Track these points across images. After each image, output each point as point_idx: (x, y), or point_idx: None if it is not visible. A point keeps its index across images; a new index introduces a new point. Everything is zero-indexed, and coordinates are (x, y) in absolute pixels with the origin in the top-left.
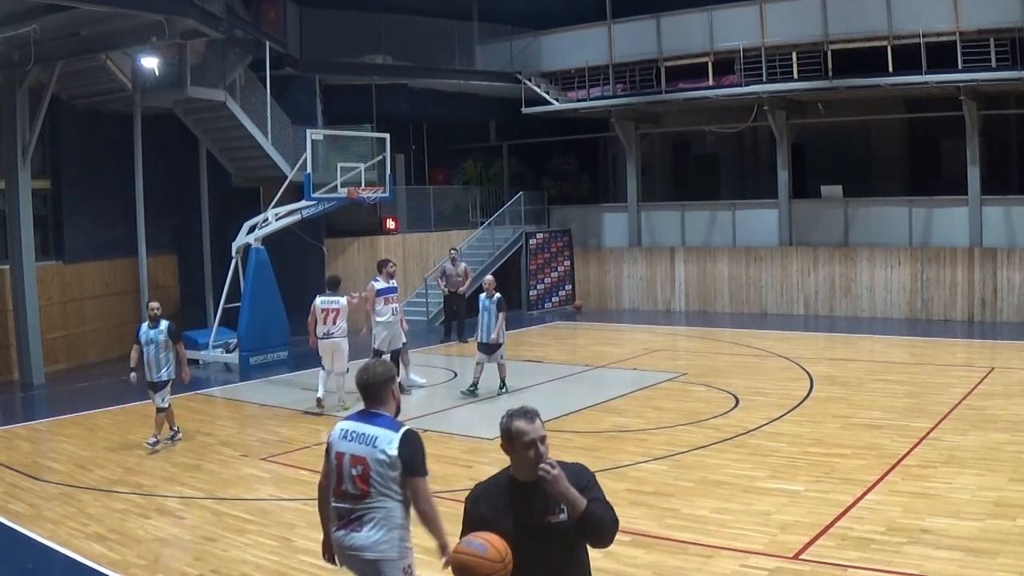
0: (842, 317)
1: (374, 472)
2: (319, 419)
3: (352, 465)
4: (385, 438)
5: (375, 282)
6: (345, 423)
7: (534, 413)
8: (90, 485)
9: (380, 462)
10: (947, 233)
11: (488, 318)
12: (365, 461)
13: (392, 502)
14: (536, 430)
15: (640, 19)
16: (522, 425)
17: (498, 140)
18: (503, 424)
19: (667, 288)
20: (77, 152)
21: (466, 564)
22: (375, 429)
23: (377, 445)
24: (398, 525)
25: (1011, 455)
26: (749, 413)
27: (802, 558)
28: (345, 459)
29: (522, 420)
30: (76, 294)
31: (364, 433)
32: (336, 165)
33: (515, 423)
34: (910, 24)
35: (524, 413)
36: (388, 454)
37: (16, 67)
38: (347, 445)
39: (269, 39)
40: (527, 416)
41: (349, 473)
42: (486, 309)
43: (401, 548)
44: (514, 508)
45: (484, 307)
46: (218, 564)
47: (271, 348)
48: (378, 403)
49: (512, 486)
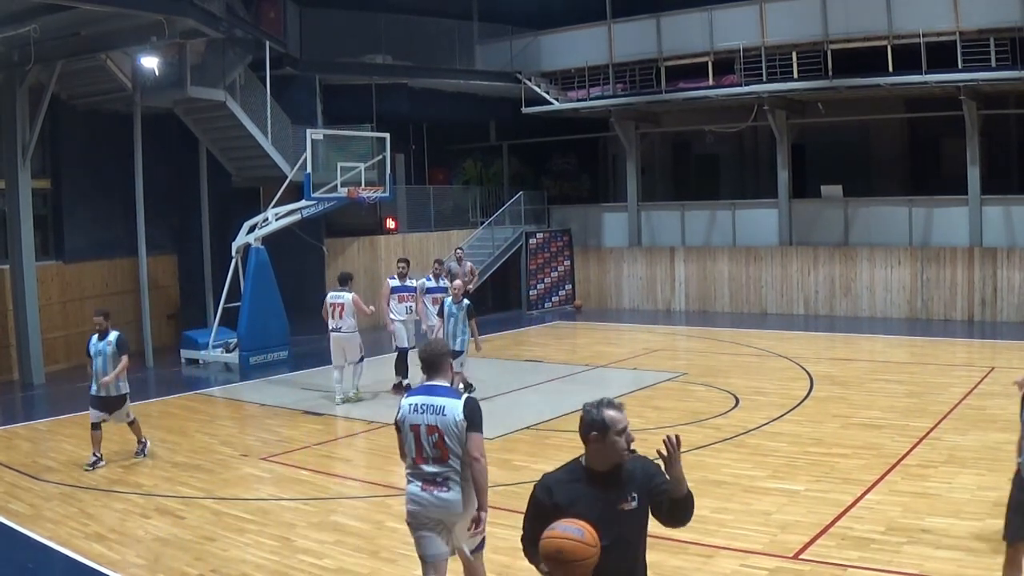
0: (842, 317)
1: (448, 436)
2: (319, 419)
3: (428, 434)
4: (452, 406)
5: (390, 280)
6: (412, 398)
7: (621, 403)
8: (90, 485)
9: (451, 427)
10: (947, 233)
11: (455, 324)
12: (439, 429)
13: (464, 465)
14: (625, 418)
15: (640, 19)
16: (615, 414)
17: (498, 140)
18: (592, 415)
19: (667, 288)
20: (77, 152)
21: (565, 548)
22: (442, 400)
23: (447, 413)
24: (470, 479)
25: (1011, 455)
26: (749, 413)
27: (802, 558)
28: (421, 429)
29: (613, 409)
30: (76, 294)
31: (433, 404)
32: (336, 165)
33: (607, 412)
34: (910, 24)
35: (611, 403)
36: (457, 419)
37: (16, 67)
38: (420, 417)
39: (269, 39)
40: (615, 406)
41: (428, 441)
42: (453, 315)
43: (475, 499)
44: (590, 497)
45: (451, 313)
46: (218, 564)
47: (271, 348)
48: (438, 374)
49: (587, 475)
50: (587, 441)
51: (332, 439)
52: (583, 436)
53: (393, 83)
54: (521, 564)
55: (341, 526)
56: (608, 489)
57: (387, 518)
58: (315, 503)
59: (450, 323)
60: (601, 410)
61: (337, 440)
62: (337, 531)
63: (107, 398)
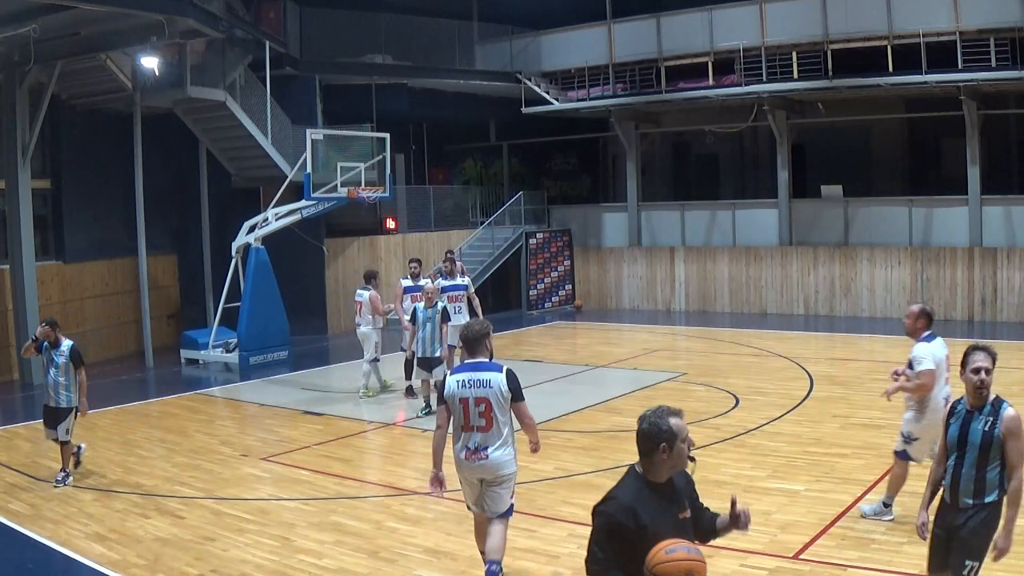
0: (842, 317)
1: (495, 406)
2: (319, 419)
3: (476, 405)
4: (496, 379)
5: (403, 280)
6: (458, 375)
7: (678, 408)
8: (90, 485)
9: (498, 397)
10: (947, 233)
11: (432, 329)
12: (487, 400)
13: (507, 426)
14: (686, 425)
15: (640, 19)
16: (678, 421)
17: (498, 140)
18: (658, 426)
19: (667, 288)
20: (77, 152)
21: (695, 569)
22: (486, 374)
23: (492, 385)
24: (512, 443)
25: None
26: (749, 413)
27: (802, 558)
28: (469, 402)
29: (675, 417)
30: (76, 294)
31: (479, 379)
32: (336, 165)
33: (672, 421)
34: (910, 24)
35: (671, 411)
36: (502, 390)
37: (16, 67)
38: (467, 391)
39: (269, 39)
40: (676, 413)
41: (475, 412)
42: (429, 319)
43: (515, 462)
44: (660, 511)
45: (425, 318)
46: (218, 564)
47: (271, 348)
48: (478, 352)
49: (651, 489)
50: (654, 454)
51: (332, 439)
52: (647, 450)
53: (393, 83)
54: (519, 565)
55: (341, 526)
56: (671, 501)
57: (387, 518)
58: (315, 503)
59: (426, 328)
60: (666, 420)
61: (337, 440)
62: (337, 531)
63: (55, 409)
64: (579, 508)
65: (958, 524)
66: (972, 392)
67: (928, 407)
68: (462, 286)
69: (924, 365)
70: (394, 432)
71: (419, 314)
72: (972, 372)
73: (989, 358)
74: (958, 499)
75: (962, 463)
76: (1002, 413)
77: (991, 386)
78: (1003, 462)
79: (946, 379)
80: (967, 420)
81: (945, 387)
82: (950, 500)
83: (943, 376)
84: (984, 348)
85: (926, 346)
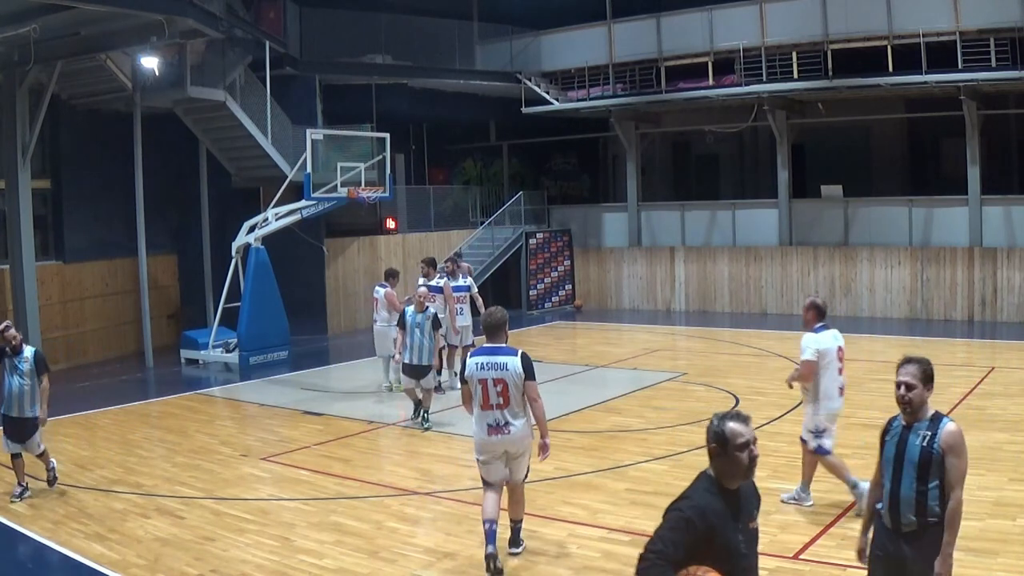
0: (842, 317)
1: (511, 386)
2: (319, 419)
3: (495, 385)
4: (512, 362)
5: (421, 280)
6: (477, 358)
7: (747, 416)
8: (90, 485)
9: (514, 377)
10: (947, 233)
11: (421, 336)
12: (504, 381)
13: (522, 404)
14: (751, 431)
15: (640, 19)
16: (737, 427)
17: (498, 140)
18: (715, 427)
19: (667, 288)
20: (77, 152)
21: None
22: (503, 358)
23: (509, 368)
24: (528, 416)
25: (1011, 455)
26: (749, 413)
27: (802, 558)
28: (488, 383)
29: (736, 422)
30: (76, 294)
31: (497, 362)
32: (336, 165)
33: (729, 424)
34: (910, 24)
35: (737, 415)
36: (517, 372)
37: (16, 67)
38: (486, 372)
39: (269, 39)
40: (740, 418)
41: (494, 391)
42: (418, 325)
43: (531, 431)
44: (729, 517)
45: (415, 323)
46: (218, 564)
47: (271, 348)
48: (497, 338)
49: (722, 493)
50: (710, 455)
51: (332, 439)
52: (708, 449)
53: (393, 83)
54: (519, 565)
55: (341, 526)
56: (739, 508)
57: (387, 518)
58: (315, 503)
59: (414, 335)
60: (725, 422)
61: (337, 440)
62: (337, 531)
63: (20, 419)
64: (579, 508)
65: (904, 556)
66: (899, 407)
67: (821, 397)
68: (464, 287)
69: (805, 355)
70: (394, 432)
71: (408, 318)
72: (896, 386)
73: (917, 372)
74: (899, 518)
75: (899, 481)
76: (942, 427)
77: (922, 403)
78: (943, 481)
79: (839, 369)
80: (904, 436)
81: (838, 377)
82: (891, 524)
83: (833, 366)
84: (914, 360)
85: (811, 337)
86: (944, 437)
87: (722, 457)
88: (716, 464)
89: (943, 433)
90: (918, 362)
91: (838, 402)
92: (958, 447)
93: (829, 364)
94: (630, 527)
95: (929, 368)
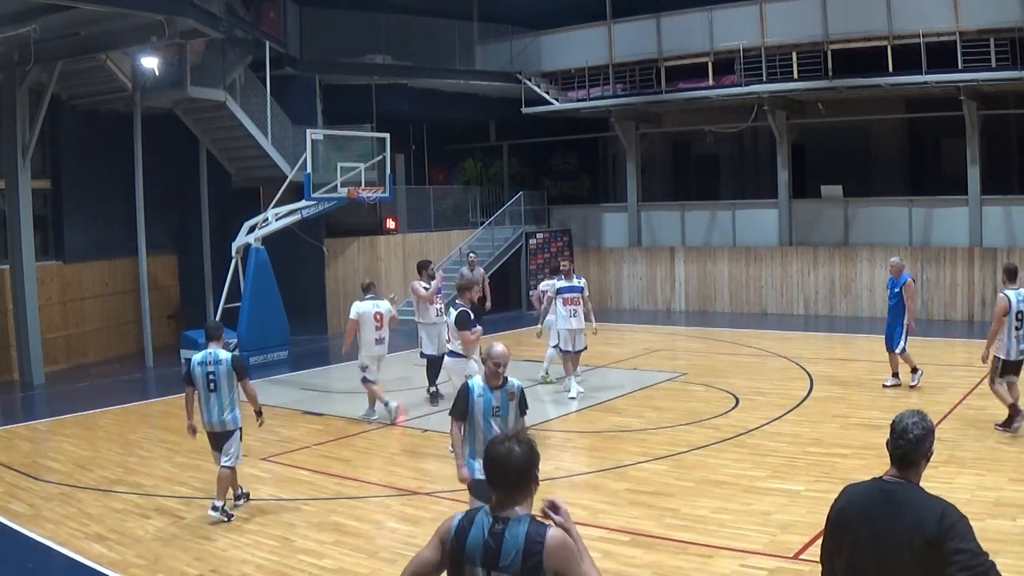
0: (842, 317)
1: (512, 416)
2: (319, 419)
3: (494, 415)
4: (512, 398)
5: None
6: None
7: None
8: (90, 485)
9: (514, 410)
10: (947, 233)
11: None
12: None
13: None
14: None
15: (640, 19)
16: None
17: (498, 140)
18: (928, 425)
19: (667, 288)
20: (77, 152)
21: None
22: (503, 392)
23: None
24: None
25: (1011, 455)
26: (749, 413)
27: (802, 558)
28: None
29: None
30: (76, 294)
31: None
32: (336, 165)
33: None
34: (910, 24)
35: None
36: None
37: (16, 67)
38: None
39: (269, 39)
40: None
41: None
42: (495, 411)
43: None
44: (881, 520)
45: (490, 407)
46: (218, 564)
47: (271, 348)
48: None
49: (883, 496)
50: (926, 459)
51: (332, 439)
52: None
53: (393, 83)
54: None
55: (341, 526)
56: (903, 518)
57: (387, 518)
58: (315, 503)
59: (490, 426)
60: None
61: (337, 440)
62: (337, 531)
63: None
64: (579, 508)
65: None
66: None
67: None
68: (578, 288)
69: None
70: (394, 432)
71: (473, 398)
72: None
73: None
74: None
75: None
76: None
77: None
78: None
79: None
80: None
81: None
82: None
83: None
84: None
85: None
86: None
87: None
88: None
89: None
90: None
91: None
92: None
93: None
94: (630, 527)
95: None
